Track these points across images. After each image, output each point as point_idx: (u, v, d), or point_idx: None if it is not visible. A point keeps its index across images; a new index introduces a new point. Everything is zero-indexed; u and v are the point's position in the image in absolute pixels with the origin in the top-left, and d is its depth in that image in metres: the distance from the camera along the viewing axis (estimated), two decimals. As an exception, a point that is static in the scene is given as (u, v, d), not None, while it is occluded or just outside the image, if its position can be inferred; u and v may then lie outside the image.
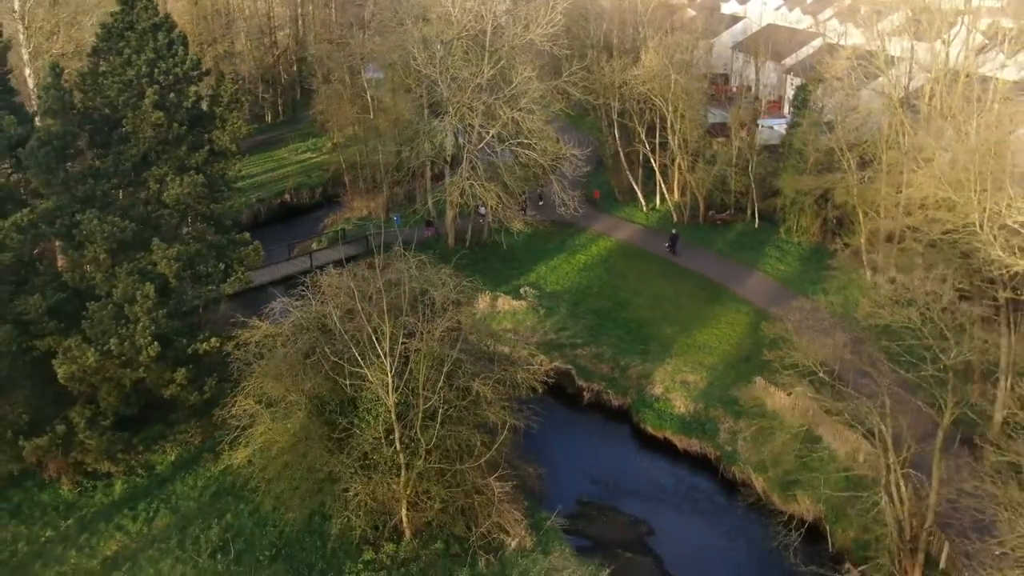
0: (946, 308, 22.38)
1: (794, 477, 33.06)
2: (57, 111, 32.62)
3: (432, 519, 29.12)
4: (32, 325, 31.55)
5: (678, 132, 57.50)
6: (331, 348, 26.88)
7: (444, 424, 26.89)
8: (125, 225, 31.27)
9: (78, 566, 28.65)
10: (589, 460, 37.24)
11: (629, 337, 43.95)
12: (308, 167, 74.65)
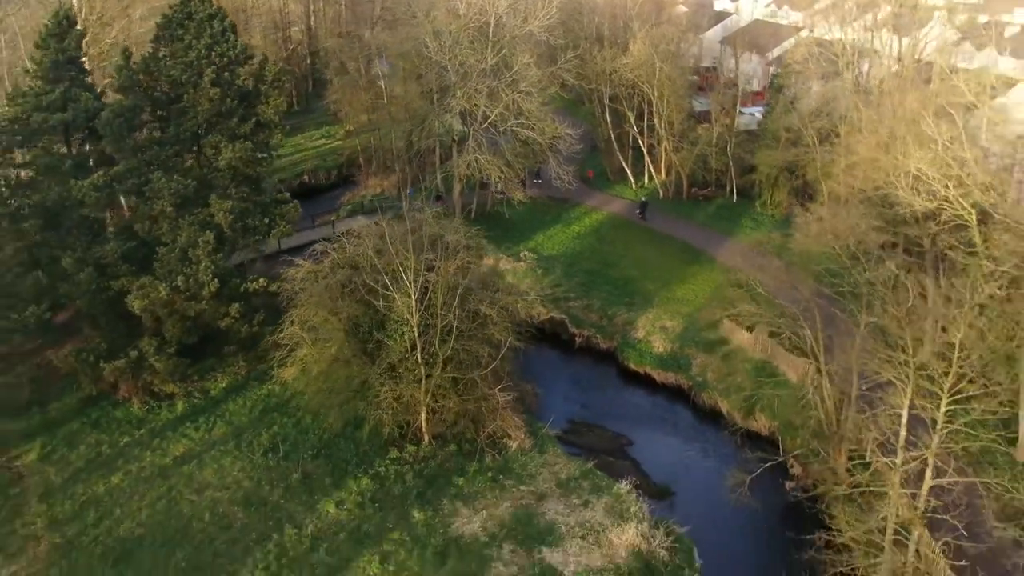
0: (861, 240, 28.12)
1: (753, 399, 39.00)
2: (127, 88, 38.64)
3: (446, 428, 35.09)
4: (108, 268, 37.57)
5: (664, 116, 63.28)
6: (363, 280, 32.77)
7: (457, 340, 32.85)
8: (188, 183, 37.26)
9: (153, 462, 34.58)
10: (579, 391, 43.22)
11: (616, 292, 49.82)
12: (323, 152, 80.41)
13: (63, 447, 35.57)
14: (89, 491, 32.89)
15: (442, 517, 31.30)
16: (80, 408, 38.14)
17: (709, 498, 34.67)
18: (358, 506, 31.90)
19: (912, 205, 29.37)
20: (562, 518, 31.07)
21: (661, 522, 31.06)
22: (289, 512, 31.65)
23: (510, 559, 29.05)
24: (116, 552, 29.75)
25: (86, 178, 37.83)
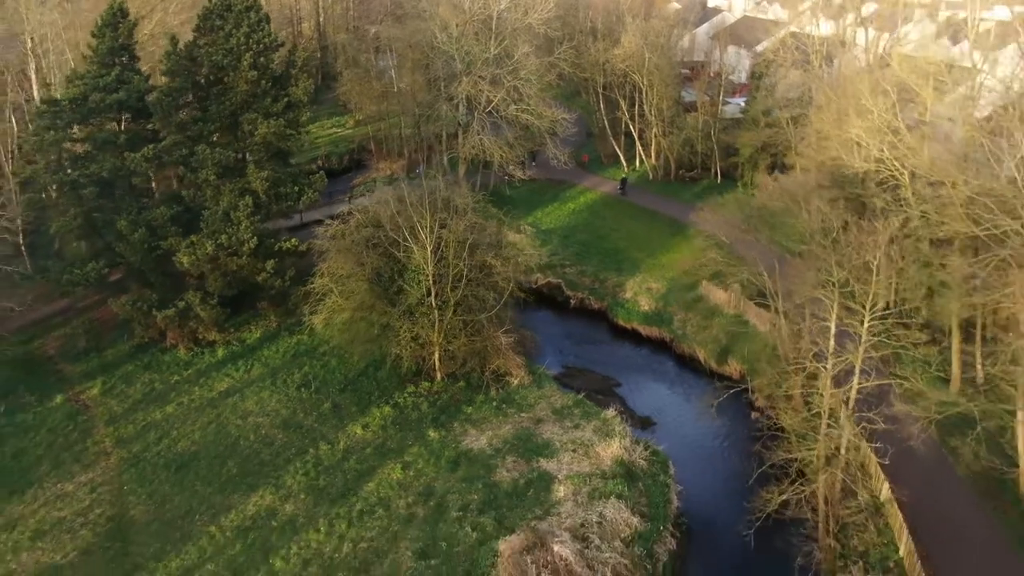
0: (807, 196, 33.21)
1: (726, 347, 44.22)
2: (174, 71, 43.82)
3: (456, 368, 40.29)
4: (158, 230, 42.74)
5: (653, 104, 68.47)
6: (386, 234, 37.98)
7: (467, 287, 38.08)
8: (229, 155, 42.42)
9: (201, 396, 39.78)
10: (573, 344, 48.40)
11: (607, 260, 55.00)
12: (335, 139, 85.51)
13: (121, 384, 40.77)
14: (148, 418, 38.08)
15: (454, 436, 36.52)
16: (132, 354, 43.35)
17: (685, 426, 40.04)
18: (381, 428, 37.13)
19: (853, 166, 34.48)
20: (556, 437, 36.26)
21: (641, 440, 36.28)
22: (322, 433, 36.86)
23: (512, 467, 34.23)
24: (176, 463, 34.92)
25: (137, 151, 43.01)
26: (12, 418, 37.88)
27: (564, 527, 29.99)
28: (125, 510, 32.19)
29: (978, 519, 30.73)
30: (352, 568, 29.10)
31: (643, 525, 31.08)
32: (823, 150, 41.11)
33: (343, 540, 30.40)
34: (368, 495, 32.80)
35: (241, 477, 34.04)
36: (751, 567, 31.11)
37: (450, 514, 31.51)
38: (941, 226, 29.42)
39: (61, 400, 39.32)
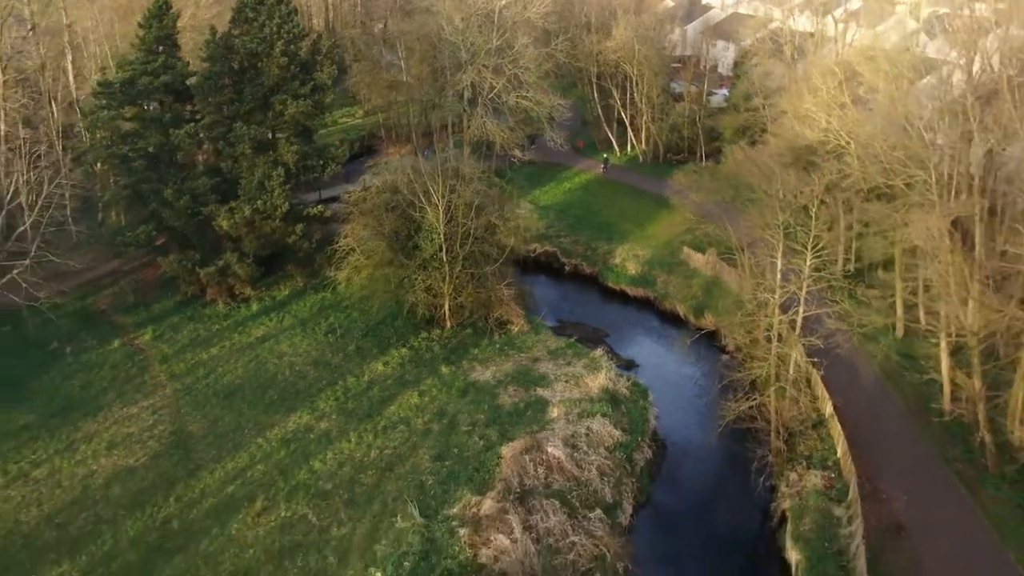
0: (765, 163, 38.77)
1: (703, 303, 49.81)
2: (214, 58, 49.38)
3: (464, 319, 45.91)
4: (199, 198, 48.27)
5: (643, 92, 74.07)
6: (403, 197, 43.64)
7: (473, 243, 43.70)
8: (263, 131, 48.05)
9: (240, 340, 45.40)
10: (568, 303, 53.96)
11: (599, 231, 60.59)
12: (346, 128, 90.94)
13: (169, 332, 46.39)
14: (195, 358, 43.71)
15: (462, 371, 42.19)
16: (176, 308, 48.96)
17: (664, 367, 45.74)
18: (399, 365, 42.80)
19: (806, 136, 40.05)
20: (551, 371, 41.92)
21: (624, 374, 41.95)
22: (348, 369, 42.51)
23: (513, 394, 39.88)
24: (224, 392, 40.58)
25: (180, 129, 48.60)
26: (78, 358, 43.50)
27: (557, 436, 35.63)
28: (183, 427, 37.85)
29: (907, 430, 36.36)
30: (379, 468, 34.77)
31: (624, 437, 36.77)
32: (783, 125, 46.72)
33: (370, 448, 36.07)
34: (390, 415, 38.48)
35: (281, 402, 39.69)
36: (716, 469, 36.87)
37: (460, 428, 37.18)
38: (867, 180, 34.97)
39: (118, 344, 44.97)
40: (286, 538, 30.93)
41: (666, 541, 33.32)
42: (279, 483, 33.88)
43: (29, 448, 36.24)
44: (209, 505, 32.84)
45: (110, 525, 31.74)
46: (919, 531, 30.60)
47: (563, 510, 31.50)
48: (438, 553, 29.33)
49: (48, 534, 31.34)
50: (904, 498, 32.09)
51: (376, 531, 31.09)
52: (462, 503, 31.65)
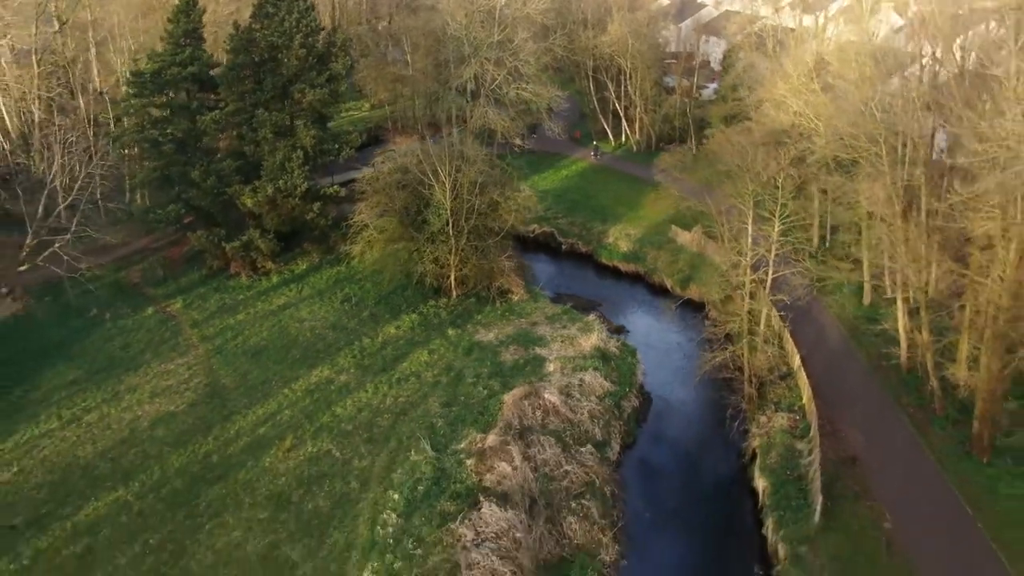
0: (741, 143, 42.87)
1: (689, 277, 53.89)
2: (237, 50, 53.51)
3: (468, 289, 50.03)
4: (224, 178, 52.38)
5: (637, 85, 78.16)
6: (414, 176, 47.78)
7: (477, 218, 47.84)
8: (284, 117, 52.21)
9: (263, 308, 49.52)
10: (564, 278, 58.08)
11: (594, 213, 64.71)
12: (354, 120, 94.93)
13: (198, 301, 50.51)
14: (223, 323, 47.84)
15: (467, 333, 46.33)
16: (203, 280, 53.07)
17: (651, 332, 49.94)
18: (410, 329, 46.96)
19: (780, 120, 44.15)
20: (548, 333, 46.03)
21: (615, 337, 46.10)
22: (363, 332, 46.64)
23: (513, 352, 43.98)
24: (251, 351, 44.72)
25: (205, 116, 52.75)
26: (116, 323, 47.64)
27: (553, 386, 39.77)
28: (217, 380, 42.00)
29: (867, 381, 40.49)
30: (394, 412, 38.94)
31: (613, 388, 40.95)
32: (763, 112, 50.87)
33: (386, 396, 40.25)
34: (403, 370, 42.64)
35: (303, 360, 43.84)
36: (695, 415, 41.10)
37: (466, 380, 41.33)
38: (830, 155, 39.12)
39: (152, 311, 49.10)
40: (313, 469, 35.08)
41: (649, 474, 37.49)
42: (305, 425, 38.03)
43: (79, 398, 40.40)
44: (244, 443, 36.99)
45: (156, 459, 35.89)
46: (871, 462, 34.74)
47: (558, 445, 35.65)
48: (448, 479, 33.45)
49: (103, 466, 35.49)
50: (860, 436, 36.27)
51: (393, 463, 35.23)
52: (468, 439, 35.77)
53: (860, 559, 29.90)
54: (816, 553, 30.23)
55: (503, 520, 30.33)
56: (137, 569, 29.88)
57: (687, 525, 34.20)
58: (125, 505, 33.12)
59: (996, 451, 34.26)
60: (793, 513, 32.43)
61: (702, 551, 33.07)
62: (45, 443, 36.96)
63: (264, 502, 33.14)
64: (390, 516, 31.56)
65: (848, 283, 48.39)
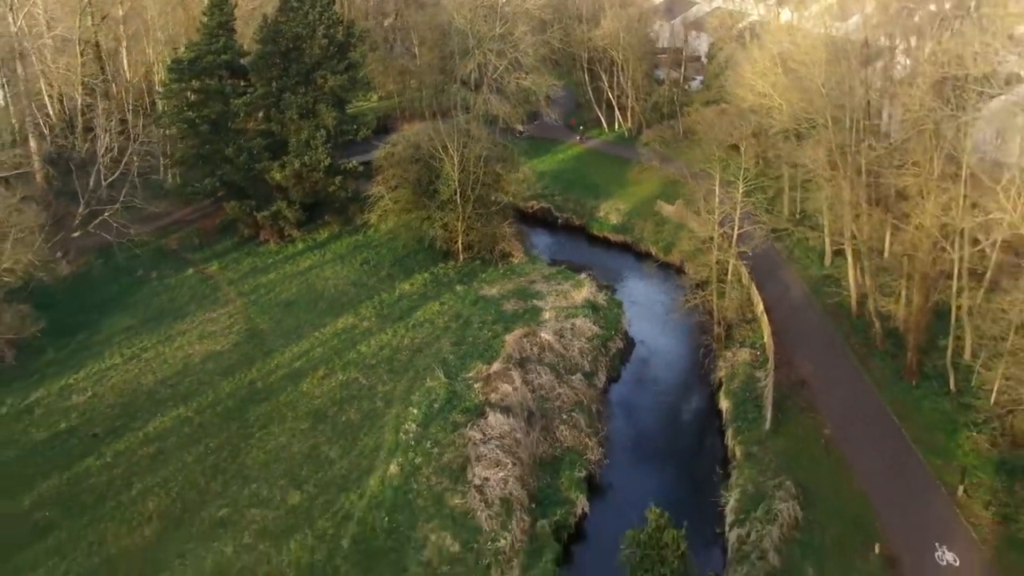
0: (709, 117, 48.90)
1: (671, 244, 60.00)
2: (266, 40, 59.61)
3: (474, 254, 56.13)
4: (255, 155, 58.47)
5: (628, 76, 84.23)
6: (426, 151, 53.91)
7: (482, 188, 53.95)
8: (308, 100, 58.36)
9: (291, 269, 55.60)
10: (559, 247, 64.24)
11: (587, 191, 70.83)
12: (363, 110, 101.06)
13: (232, 264, 56.60)
14: (256, 281, 53.94)
15: (473, 289, 52.43)
16: (235, 247, 59.15)
17: (635, 291, 56.05)
18: (423, 286, 53.07)
19: (747, 100, 50.32)
20: (544, 289, 52.15)
21: (603, 291, 52.25)
22: (381, 288, 52.73)
23: (514, 304, 50.06)
24: (283, 304, 50.80)
25: (237, 99, 58.85)
26: (161, 281, 53.75)
27: (549, 328, 45.86)
28: (255, 325, 48.10)
29: (822, 325, 46.60)
30: (411, 350, 45.07)
31: (601, 331, 47.10)
32: (735, 94, 57.07)
33: (403, 338, 46.36)
34: (417, 318, 48.74)
35: (329, 310, 49.94)
36: (672, 355, 47.33)
37: (473, 325, 47.44)
38: (788, 126, 45.31)
39: (192, 272, 55.18)
40: (344, 392, 41.18)
41: (630, 399, 43.69)
42: (335, 359, 44.14)
43: (136, 340, 46.51)
44: (282, 373, 43.10)
45: (209, 385, 42.01)
46: (818, 385, 40.86)
47: (552, 374, 41.79)
48: (458, 398, 39.54)
49: (164, 391, 41.60)
50: (810, 366, 42.39)
51: (412, 388, 41.32)
52: (476, 369, 41.86)
53: (802, 456, 36.01)
54: (765, 451, 36.35)
55: (505, 425, 36.44)
56: (202, 465, 35.96)
57: (661, 436, 40.37)
58: (186, 420, 39.23)
59: (924, 376, 40.35)
60: (749, 424, 38.58)
61: (673, 455, 39.19)
62: (112, 374, 43.09)
63: (304, 416, 39.24)
64: (411, 425, 37.65)
65: (812, 247, 54.66)
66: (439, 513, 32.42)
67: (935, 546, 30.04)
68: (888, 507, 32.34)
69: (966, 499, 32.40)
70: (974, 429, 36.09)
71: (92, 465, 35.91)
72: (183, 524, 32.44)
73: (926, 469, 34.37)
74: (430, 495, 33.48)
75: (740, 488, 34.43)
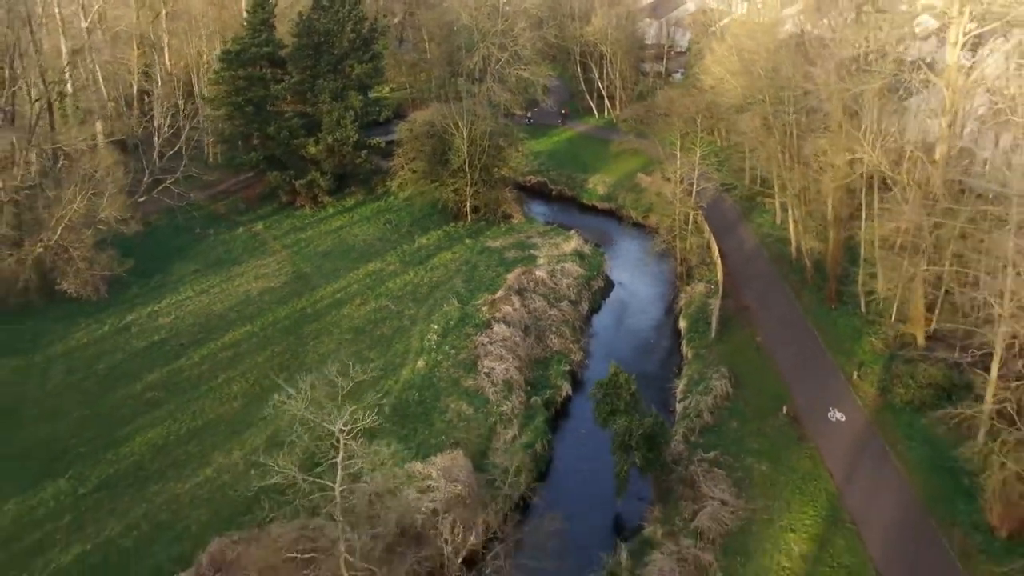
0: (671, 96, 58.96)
1: (648, 209, 70.09)
2: (301, 34, 69.76)
3: (479, 216, 66.24)
4: (292, 132, 68.57)
5: (617, 68, 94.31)
6: (439, 127, 64.06)
7: (487, 158, 64.09)
8: (338, 85, 68.51)
9: (325, 229, 65.74)
10: (552, 214, 74.38)
11: (578, 167, 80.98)
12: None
13: (275, 224, 66.69)
14: (296, 237, 64.05)
15: (480, 242, 62.57)
16: (275, 211, 69.25)
17: (617, 246, 66.17)
18: (437, 240, 63.24)
19: (708, 83, 60.37)
20: (540, 242, 62.23)
21: (588, 243, 62.46)
22: (403, 242, 62.87)
23: (514, 253, 60.14)
24: (321, 254, 60.92)
25: (277, 85, 68.96)
26: (216, 237, 63.81)
27: (542, 268, 55.98)
28: (300, 269, 58.20)
29: (767, 269, 56.69)
30: (430, 286, 55.19)
31: (585, 273, 57.26)
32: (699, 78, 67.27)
33: (423, 277, 56.50)
34: (434, 263, 58.87)
35: (360, 258, 60.06)
36: (645, 291, 57.49)
37: (480, 268, 57.55)
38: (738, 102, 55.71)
39: (242, 230, 65.27)
40: (378, 315, 51.26)
41: (608, 322, 53.91)
42: (368, 292, 54.29)
43: (203, 280, 56.56)
44: (326, 303, 53.21)
45: (268, 311, 52.09)
46: (757, 310, 50.96)
47: (544, 300, 51.91)
48: (469, 318, 49.58)
49: (231, 315, 51.69)
50: (753, 296, 52.50)
51: (432, 312, 51.35)
52: (483, 298, 51.92)
53: (737, 355, 46.12)
54: (711, 353, 46.48)
55: (507, 332, 46.57)
56: (270, 363, 46.00)
57: (632, 346, 50.50)
58: (253, 334, 49.33)
59: (842, 302, 50.35)
60: (700, 336, 48.73)
61: (641, 358, 49.14)
62: (188, 303, 53.19)
63: (347, 331, 49.34)
64: (432, 336, 47.75)
65: (767, 210, 64.79)
66: (457, 391, 42.52)
67: (829, 409, 40.11)
68: (798, 386, 42.44)
69: (858, 381, 42.45)
70: (873, 336, 46.11)
71: (184, 364, 46.00)
72: (260, 400, 42.27)
73: (832, 363, 44.47)
74: (449, 380, 43.59)
75: (688, 376, 44.62)
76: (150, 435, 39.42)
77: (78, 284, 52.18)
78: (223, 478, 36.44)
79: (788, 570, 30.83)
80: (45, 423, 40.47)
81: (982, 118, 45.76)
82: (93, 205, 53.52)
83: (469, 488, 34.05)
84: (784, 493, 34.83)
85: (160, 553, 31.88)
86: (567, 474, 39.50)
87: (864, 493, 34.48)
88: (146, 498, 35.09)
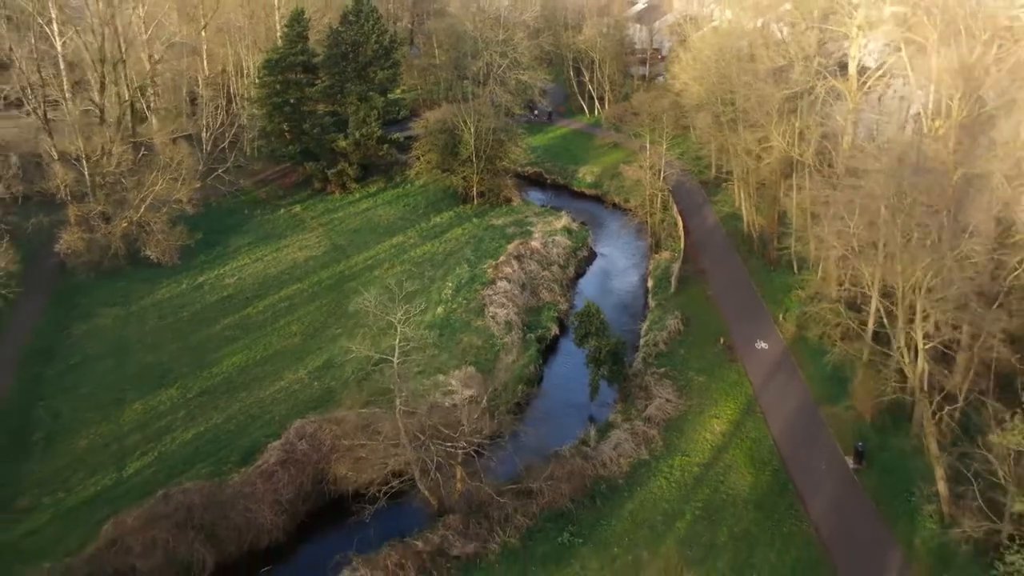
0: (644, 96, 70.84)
1: (629, 194, 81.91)
2: (331, 45, 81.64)
3: (485, 200, 78.05)
4: (325, 128, 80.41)
5: (605, 73, 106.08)
6: (450, 123, 75.93)
7: (491, 150, 75.92)
8: (363, 89, 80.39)
9: (353, 211, 77.62)
10: (547, 198, 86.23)
11: (570, 160, 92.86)
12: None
13: (310, 207, 78.58)
14: (330, 217, 75.92)
15: (485, 222, 74.42)
16: (309, 196, 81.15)
17: (601, 225, 78.09)
18: (449, 219, 75.13)
19: (675, 87, 72.29)
20: (535, 220, 74.08)
21: (576, 222, 74.36)
22: (420, 221, 74.76)
23: (513, 229, 71.97)
24: (352, 231, 72.78)
25: (311, 88, 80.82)
26: (262, 217, 75.67)
27: (537, 240, 67.82)
28: (336, 242, 70.06)
29: (724, 241, 68.52)
30: (444, 254, 67.05)
31: (573, 245, 69.12)
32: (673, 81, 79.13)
33: (438, 248, 68.35)
34: (447, 238, 70.73)
35: (385, 233, 71.92)
36: (621, 259, 69.39)
37: (485, 241, 69.40)
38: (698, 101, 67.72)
39: (283, 212, 77.16)
40: (404, 275, 62.94)
41: (590, 283, 65.82)
42: (394, 259, 66.15)
43: (255, 250, 68.42)
44: (360, 267, 65.06)
45: (313, 273, 63.94)
46: (711, 272, 62.80)
47: (538, 264, 63.77)
48: (477, 278, 61.39)
49: (284, 277, 63.51)
50: (708, 262, 64.34)
51: (447, 275, 63.13)
52: (488, 263, 63.74)
53: (690, 304, 57.92)
54: (669, 302, 58.29)
55: (507, 287, 58.45)
56: (320, 312, 57.78)
57: (609, 299, 62.13)
58: (303, 290, 61.18)
59: (779, 263, 62.14)
60: (662, 291, 60.56)
61: (616, 309, 60.72)
62: (247, 268, 65.05)
63: (379, 289, 60.97)
64: (448, 291, 59.55)
65: (729, 195, 76.62)
66: (468, 329, 54.33)
67: (756, 341, 51.92)
68: (736, 325, 54.27)
69: (783, 321, 54.25)
70: (800, 290, 57.89)
71: (251, 311, 57.84)
72: (316, 336, 54.32)
73: (765, 308, 56.31)
74: (462, 322, 55.42)
75: (650, 320, 56.54)
76: (234, 359, 51.24)
77: (159, 252, 64.05)
78: (294, 388, 48.25)
79: (710, 442, 42.65)
80: (150, 353, 52.29)
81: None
82: (169, 188, 65.33)
83: (480, 392, 45.78)
84: (714, 395, 46.69)
85: (256, 432, 43.70)
86: (554, 387, 51.34)
87: (773, 394, 46.32)
88: (238, 399, 46.92)
